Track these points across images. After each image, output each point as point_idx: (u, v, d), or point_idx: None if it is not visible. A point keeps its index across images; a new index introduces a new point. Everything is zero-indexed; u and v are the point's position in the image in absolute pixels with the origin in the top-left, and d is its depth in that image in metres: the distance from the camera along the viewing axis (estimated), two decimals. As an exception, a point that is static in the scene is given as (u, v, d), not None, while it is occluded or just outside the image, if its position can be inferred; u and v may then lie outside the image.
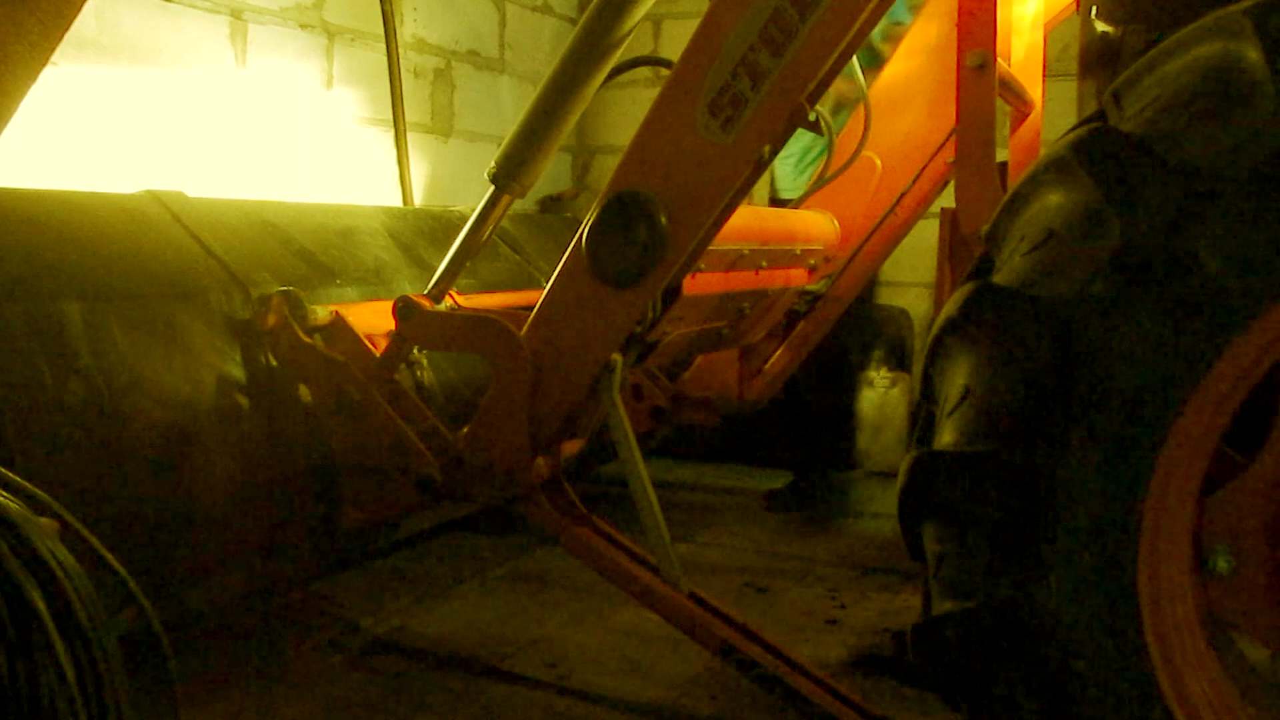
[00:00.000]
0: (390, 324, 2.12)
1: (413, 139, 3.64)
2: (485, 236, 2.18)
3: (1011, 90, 2.49)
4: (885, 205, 2.92)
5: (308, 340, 2.13)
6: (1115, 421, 1.17)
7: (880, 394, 4.18)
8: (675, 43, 4.51)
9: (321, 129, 3.49)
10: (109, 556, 1.20)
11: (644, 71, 3.96)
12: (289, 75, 3.35)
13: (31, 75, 1.33)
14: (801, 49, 1.71)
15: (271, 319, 2.14)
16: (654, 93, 1.87)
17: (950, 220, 2.83)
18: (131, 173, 2.85)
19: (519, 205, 2.23)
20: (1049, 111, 2.66)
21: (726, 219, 2.00)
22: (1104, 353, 1.17)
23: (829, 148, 2.60)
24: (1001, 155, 2.26)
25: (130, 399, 1.98)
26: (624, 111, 4.60)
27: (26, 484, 1.17)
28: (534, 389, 1.98)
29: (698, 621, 1.93)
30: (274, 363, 2.19)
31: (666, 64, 1.98)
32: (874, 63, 2.98)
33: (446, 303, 2.24)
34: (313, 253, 2.59)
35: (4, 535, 1.08)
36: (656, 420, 3.12)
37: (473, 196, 2.59)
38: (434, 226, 3.11)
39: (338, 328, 2.18)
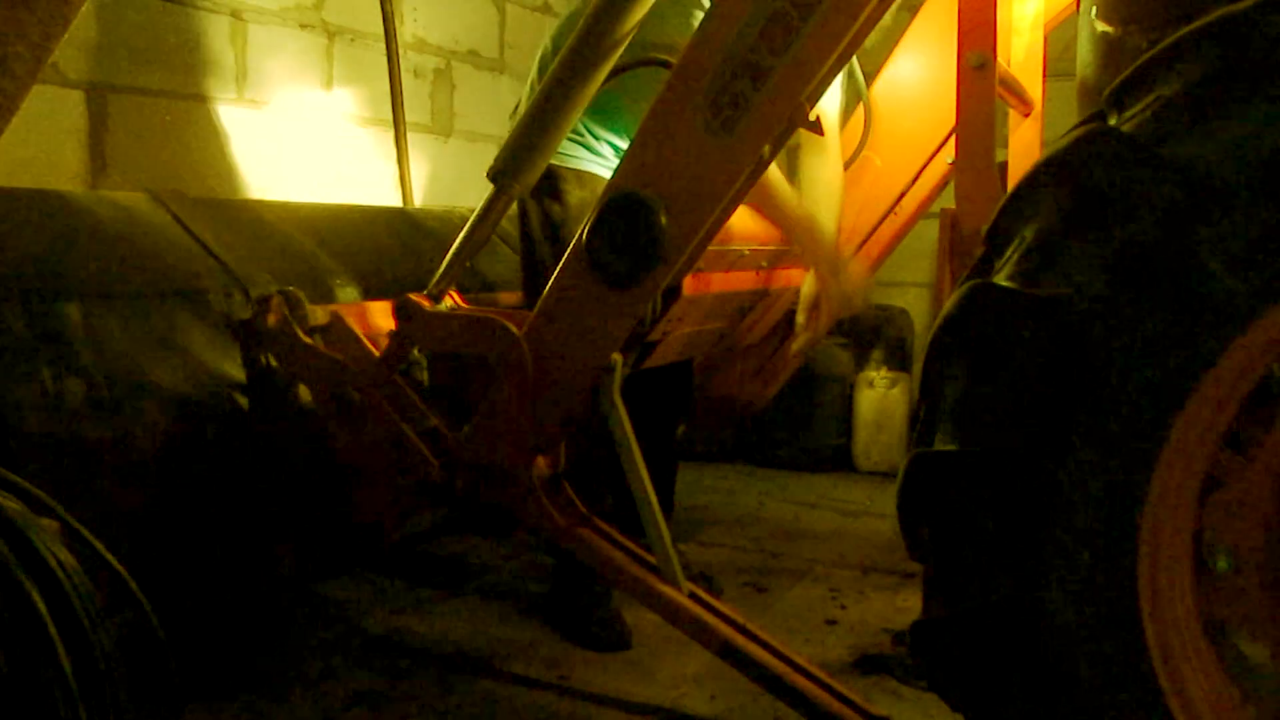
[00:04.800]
0: (390, 324, 2.12)
1: (413, 139, 3.64)
2: (485, 236, 2.18)
3: (1011, 90, 2.49)
4: (885, 206, 2.92)
5: (308, 340, 2.13)
6: (1115, 421, 1.17)
7: (880, 394, 4.17)
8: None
9: (321, 129, 3.49)
10: (109, 556, 1.20)
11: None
12: (289, 75, 3.35)
13: (32, 75, 1.33)
14: (802, 48, 1.71)
15: (271, 319, 2.14)
16: (654, 93, 1.86)
17: (950, 220, 2.83)
18: (132, 173, 2.86)
19: (519, 205, 2.24)
20: (1049, 111, 2.66)
21: (727, 219, 2.00)
22: (1104, 353, 1.17)
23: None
24: (1001, 155, 2.26)
25: (130, 399, 1.98)
26: (624, 111, 4.59)
27: (26, 484, 1.17)
28: (534, 389, 1.98)
29: (698, 621, 1.93)
30: (274, 363, 2.19)
31: (666, 64, 1.97)
32: None
33: (447, 302, 2.24)
34: (313, 253, 2.59)
35: (4, 535, 1.08)
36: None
37: (473, 196, 2.59)
38: (434, 226, 3.11)
39: (338, 328, 2.18)
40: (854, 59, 2.23)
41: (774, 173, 2.33)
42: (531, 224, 2.53)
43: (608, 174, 2.46)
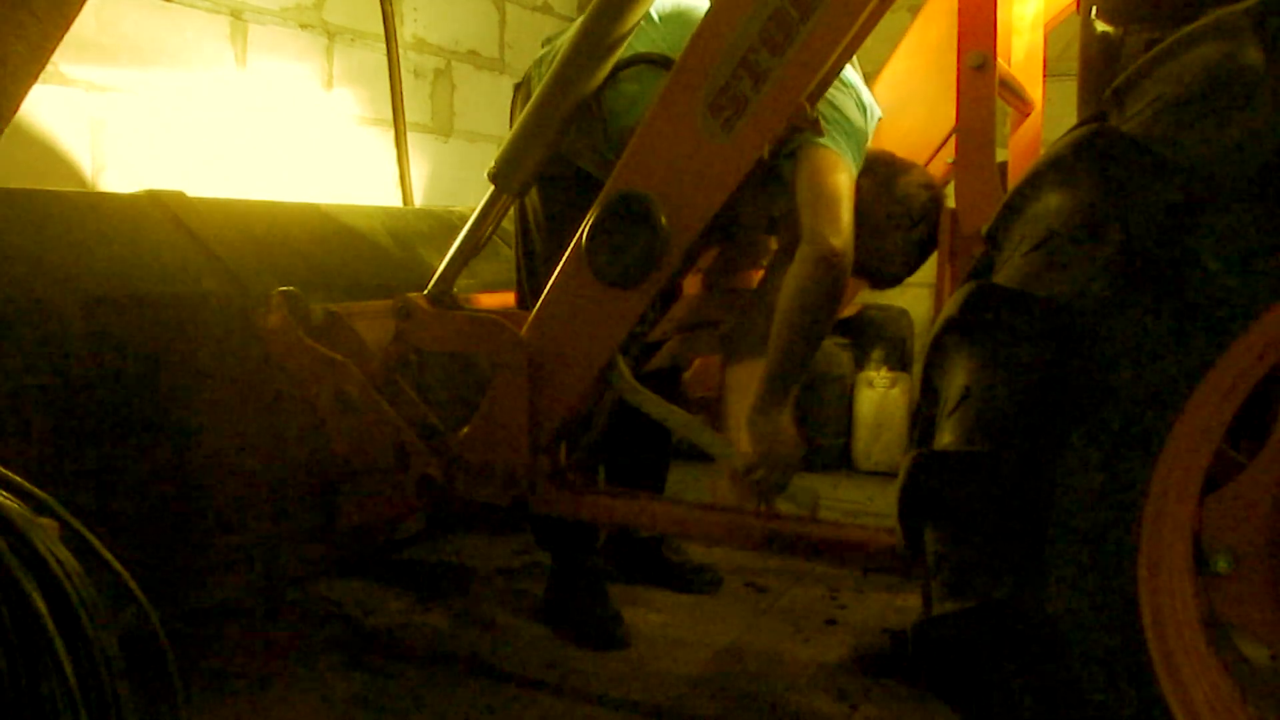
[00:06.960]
0: (390, 324, 2.12)
1: (413, 139, 3.64)
2: (485, 236, 2.18)
3: (1011, 90, 2.49)
4: (885, 205, 2.91)
5: (308, 340, 2.13)
6: (1115, 421, 1.17)
7: (880, 394, 4.17)
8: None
9: (321, 129, 3.49)
10: (109, 556, 1.20)
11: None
12: (289, 75, 3.35)
13: (32, 75, 1.33)
14: (802, 48, 1.71)
15: (271, 319, 2.14)
16: (654, 93, 1.86)
17: (950, 220, 2.82)
18: (132, 173, 2.86)
19: (519, 205, 2.24)
20: (1049, 111, 2.66)
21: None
22: (1104, 353, 1.17)
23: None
24: (1001, 155, 2.26)
25: (130, 399, 1.98)
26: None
27: (26, 484, 1.17)
28: (534, 389, 1.98)
29: (733, 525, 1.93)
30: (274, 363, 2.19)
31: (666, 64, 1.97)
32: None
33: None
34: (313, 253, 2.59)
35: (4, 535, 1.08)
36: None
37: (473, 196, 2.59)
38: (434, 226, 3.11)
39: (338, 328, 2.18)
40: (854, 59, 2.23)
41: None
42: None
43: None
